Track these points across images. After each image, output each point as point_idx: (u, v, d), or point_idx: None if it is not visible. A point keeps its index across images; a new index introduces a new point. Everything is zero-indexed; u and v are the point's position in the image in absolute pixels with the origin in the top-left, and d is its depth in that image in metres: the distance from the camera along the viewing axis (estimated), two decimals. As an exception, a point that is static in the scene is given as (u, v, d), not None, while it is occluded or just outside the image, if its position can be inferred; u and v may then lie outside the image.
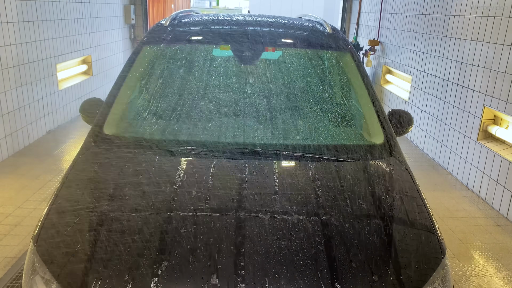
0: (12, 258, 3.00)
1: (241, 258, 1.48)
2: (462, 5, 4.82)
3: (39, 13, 5.31)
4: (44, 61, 5.48)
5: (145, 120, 2.36)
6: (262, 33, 2.71)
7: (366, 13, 8.37)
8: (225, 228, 1.60)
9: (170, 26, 2.76)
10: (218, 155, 2.04)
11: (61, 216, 1.69)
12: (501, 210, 3.98)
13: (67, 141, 5.41)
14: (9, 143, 4.75)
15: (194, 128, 2.29)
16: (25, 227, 3.40)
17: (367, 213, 1.75)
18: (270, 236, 1.57)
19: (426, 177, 4.83)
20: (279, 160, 2.04)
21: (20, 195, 3.90)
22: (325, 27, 2.85)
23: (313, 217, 1.69)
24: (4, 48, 4.59)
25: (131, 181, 1.86)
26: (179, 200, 1.74)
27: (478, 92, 4.42)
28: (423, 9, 5.83)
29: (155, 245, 1.53)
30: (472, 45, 4.58)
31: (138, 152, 2.07)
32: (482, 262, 3.23)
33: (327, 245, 1.56)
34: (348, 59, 2.66)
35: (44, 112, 5.56)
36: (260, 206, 1.71)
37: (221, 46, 2.62)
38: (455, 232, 3.64)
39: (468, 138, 4.60)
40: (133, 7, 8.62)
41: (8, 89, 4.69)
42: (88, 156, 2.07)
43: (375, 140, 2.27)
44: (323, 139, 2.26)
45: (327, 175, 1.95)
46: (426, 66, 5.68)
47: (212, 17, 2.99)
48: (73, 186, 1.86)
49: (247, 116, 2.36)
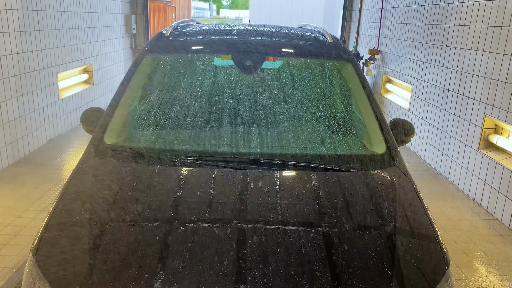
0: (11, 269, 2.98)
1: (245, 271, 1.47)
2: (462, 14, 4.84)
3: (40, 23, 5.34)
4: (45, 70, 5.50)
5: (145, 130, 2.35)
6: (263, 42, 2.71)
7: (366, 22, 8.41)
8: (229, 240, 1.58)
9: (171, 36, 2.76)
10: (218, 165, 2.03)
11: (60, 227, 1.67)
12: (503, 220, 3.95)
13: (67, 150, 5.41)
14: (9, 152, 4.74)
15: (195, 138, 2.28)
16: (25, 237, 3.37)
17: (369, 224, 1.74)
18: (271, 248, 1.56)
19: (427, 187, 4.81)
20: (280, 170, 2.03)
21: (19, 204, 3.88)
22: (325, 36, 2.85)
23: (315, 228, 1.67)
24: (6, 57, 4.60)
25: (132, 192, 1.84)
26: (180, 212, 1.72)
27: (479, 101, 4.42)
28: (423, 19, 5.86)
29: (155, 258, 1.51)
30: (472, 54, 4.60)
31: (139, 162, 2.06)
32: (485, 273, 3.20)
33: (329, 256, 1.54)
34: (349, 68, 2.66)
35: (44, 121, 5.56)
36: (261, 217, 1.70)
37: (222, 55, 2.63)
38: (458, 242, 3.62)
39: (469, 147, 4.59)
40: (134, 16, 8.67)
41: (9, 98, 4.70)
42: (88, 166, 2.06)
43: (377, 150, 2.26)
44: (325, 149, 2.25)
45: (329, 185, 1.94)
46: (426, 75, 5.69)
47: (213, 27, 3.00)
48: (72, 196, 1.85)
49: (249, 126, 2.35)
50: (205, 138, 2.27)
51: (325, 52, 2.68)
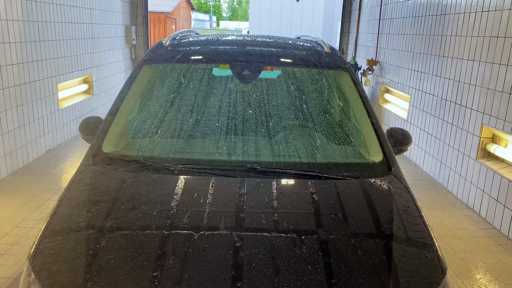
0: (8, 278, 2.97)
1: (244, 280, 1.47)
2: (459, 25, 4.89)
3: (41, 34, 5.38)
4: (45, 80, 5.53)
5: (143, 139, 2.36)
6: (261, 52, 2.74)
7: (364, 33, 8.49)
8: (228, 250, 1.58)
9: (170, 46, 2.79)
10: (215, 174, 2.04)
11: (57, 236, 1.67)
12: (502, 229, 3.95)
13: (66, 160, 5.41)
14: (8, 161, 4.75)
15: (192, 147, 2.29)
16: (22, 246, 3.36)
17: (365, 232, 1.74)
18: (269, 256, 1.56)
19: (426, 196, 4.81)
20: (277, 178, 2.03)
21: (18, 214, 3.88)
22: (323, 46, 2.88)
23: (311, 236, 1.67)
24: (6, 67, 4.63)
25: (129, 201, 1.85)
26: (178, 221, 1.72)
27: (476, 111, 4.45)
28: (420, 29, 5.92)
29: (152, 267, 1.51)
30: (469, 64, 4.63)
31: (137, 170, 2.06)
32: (484, 282, 3.19)
33: (325, 265, 1.54)
34: (346, 78, 2.69)
35: (44, 131, 5.57)
36: (260, 226, 1.70)
37: (220, 65, 2.65)
38: (456, 251, 3.61)
39: (467, 157, 4.60)
40: (135, 27, 8.75)
41: (8, 108, 4.72)
42: (86, 175, 2.06)
43: (374, 158, 2.27)
44: (322, 158, 2.26)
45: (326, 193, 1.95)
46: (424, 85, 5.73)
47: (211, 37, 3.03)
48: (70, 205, 1.85)
49: (246, 134, 2.36)
50: (203, 147, 2.29)
51: (322, 61, 2.71)
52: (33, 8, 5.18)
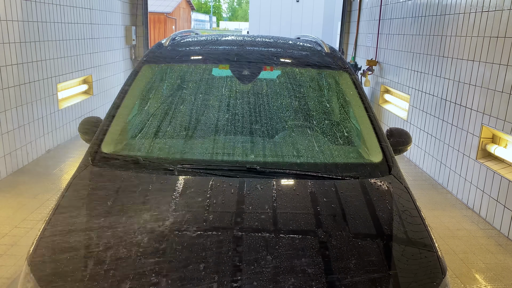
0: (7, 279, 2.96)
1: (243, 280, 1.46)
2: (459, 25, 4.89)
3: (41, 34, 5.38)
4: (45, 80, 5.53)
5: (143, 139, 2.36)
6: (260, 52, 2.74)
7: (364, 34, 8.49)
8: (228, 249, 1.58)
9: (170, 46, 2.79)
10: (214, 174, 2.03)
11: (56, 237, 1.67)
12: (502, 230, 3.94)
13: (66, 160, 5.41)
14: (8, 162, 4.74)
15: (191, 147, 2.29)
16: (22, 247, 3.36)
17: (365, 232, 1.74)
18: (269, 255, 1.56)
19: (426, 196, 4.81)
20: (277, 179, 2.03)
21: (17, 214, 3.88)
22: (322, 47, 2.88)
23: (311, 236, 1.67)
24: (6, 68, 4.63)
25: (129, 201, 1.85)
26: (178, 221, 1.71)
27: (476, 111, 4.44)
28: (420, 30, 5.91)
29: (152, 268, 1.50)
30: (469, 64, 4.63)
31: (136, 171, 2.06)
32: (484, 283, 3.19)
33: (324, 264, 1.54)
34: (346, 78, 2.68)
35: (44, 131, 5.57)
36: (260, 226, 1.70)
37: (220, 65, 2.65)
38: (456, 251, 3.61)
39: (467, 157, 4.60)
40: (134, 28, 8.75)
41: (8, 108, 4.71)
42: (85, 175, 2.06)
43: (373, 159, 2.27)
44: (322, 158, 2.26)
45: (326, 193, 1.94)
46: (424, 85, 5.72)
47: (211, 38, 3.02)
48: (69, 205, 1.85)
49: (245, 135, 2.36)
50: (202, 147, 2.28)
51: (322, 61, 2.70)
52: (33, 9, 5.18)
